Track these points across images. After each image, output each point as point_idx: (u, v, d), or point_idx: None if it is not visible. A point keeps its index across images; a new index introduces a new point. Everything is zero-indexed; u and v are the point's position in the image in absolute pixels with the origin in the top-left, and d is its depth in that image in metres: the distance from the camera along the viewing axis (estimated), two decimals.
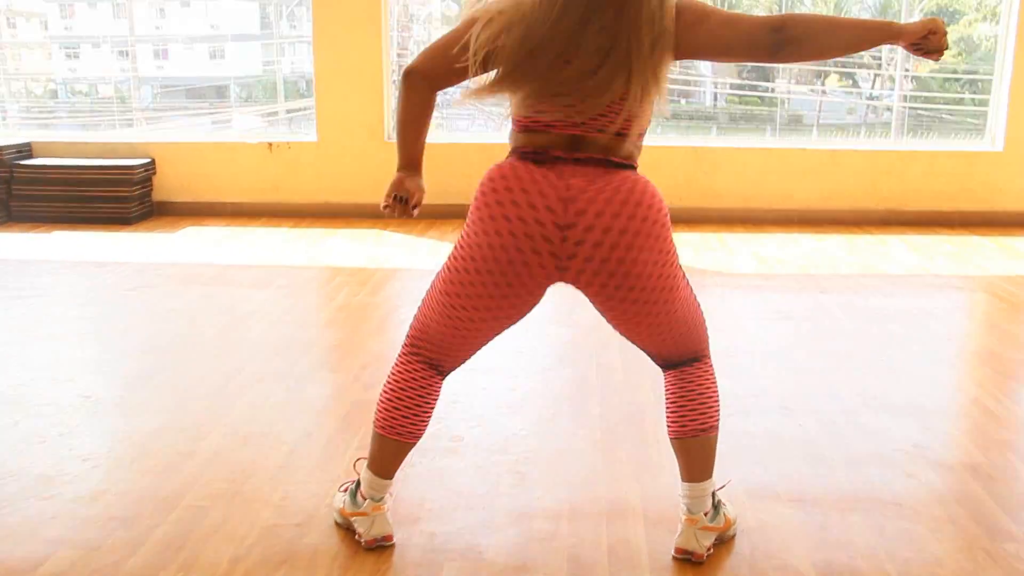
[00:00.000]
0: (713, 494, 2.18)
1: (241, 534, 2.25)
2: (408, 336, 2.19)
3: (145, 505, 2.40)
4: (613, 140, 1.90)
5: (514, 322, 2.06)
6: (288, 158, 6.39)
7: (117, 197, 6.21)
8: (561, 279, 1.95)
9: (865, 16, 30.25)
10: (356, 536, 2.21)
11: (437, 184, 6.28)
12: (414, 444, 2.19)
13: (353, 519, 2.23)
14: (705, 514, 2.14)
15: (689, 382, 2.15)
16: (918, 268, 5.15)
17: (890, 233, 5.99)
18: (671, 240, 1.98)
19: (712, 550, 2.15)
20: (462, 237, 2.00)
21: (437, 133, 6.30)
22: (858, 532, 2.26)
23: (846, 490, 2.49)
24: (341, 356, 3.69)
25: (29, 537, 2.23)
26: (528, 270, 1.91)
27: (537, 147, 1.90)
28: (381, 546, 2.19)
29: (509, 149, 1.98)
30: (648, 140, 2.11)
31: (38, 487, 2.48)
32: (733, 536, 2.24)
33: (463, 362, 2.17)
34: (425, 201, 2.12)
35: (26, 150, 6.50)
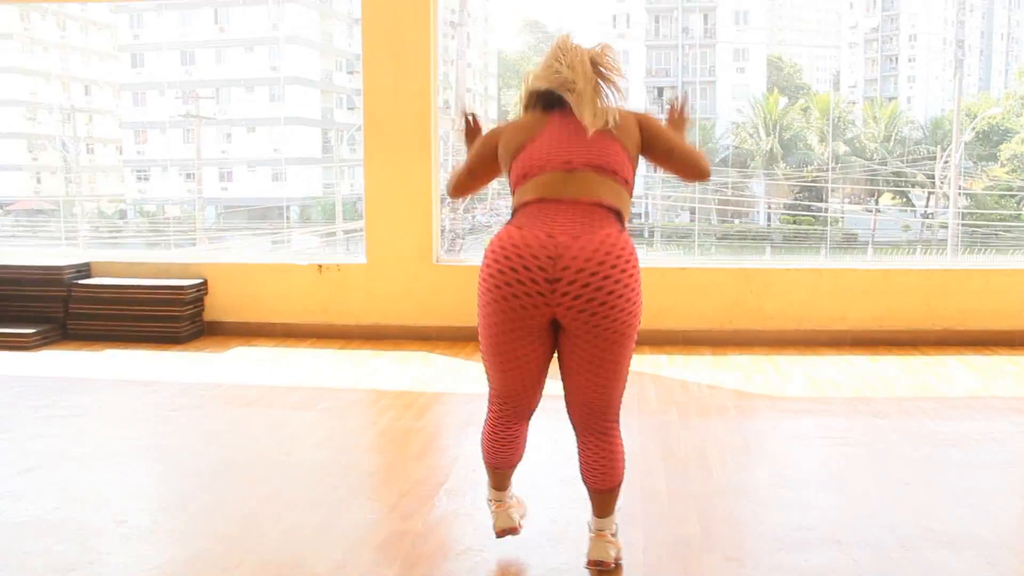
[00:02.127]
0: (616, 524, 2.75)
1: None
2: (489, 399, 2.74)
3: None
4: (603, 181, 2.47)
5: (542, 359, 2.55)
6: (337, 280, 6.48)
7: (169, 316, 6.31)
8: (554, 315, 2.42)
9: (915, 135, 29.62)
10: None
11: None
12: (514, 468, 2.79)
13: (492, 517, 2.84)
14: (611, 533, 2.71)
15: (603, 449, 2.61)
16: (979, 390, 4.97)
17: (948, 354, 5.82)
18: (639, 303, 2.45)
19: (616, 564, 2.68)
20: (479, 290, 2.50)
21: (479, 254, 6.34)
22: None
23: None
24: (380, 482, 3.62)
25: None
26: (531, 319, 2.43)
27: (532, 196, 2.46)
28: (510, 535, 2.82)
29: (512, 211, 2.52)
30: (696, 262, 2.50)
31: None
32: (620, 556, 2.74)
33: (533, 403, 2.68)
34: (472, 323, 2.78)
35: (85, 270, 6.68)
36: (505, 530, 2.81)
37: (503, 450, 2.72)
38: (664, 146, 2.58)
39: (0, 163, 33.93)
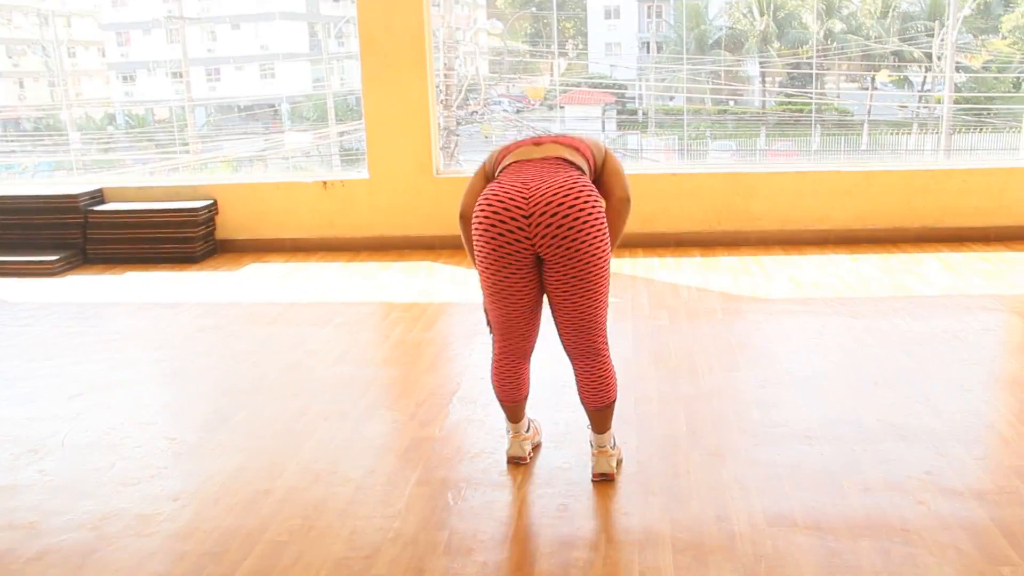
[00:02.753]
0: (613, 436, 3.11)
1: (317, 566, 2.56)
2: (494, 339, 3.09)
3: (231, 541, 2.72)
4: (566, 149, 2.90)
5: (533, 295, 2.90)
6: (342, 195, 6.75)
7: (183, 238, 6.62)
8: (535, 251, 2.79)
9: (913, 11, 28.94)
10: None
11: None
12: (526, 399, 3.15)
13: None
14: (610, 447, 3.07)
15: (595, 372, 2.97)
16: (951, 288, 5.32)
17: (926, 251, 6.15)
18: (605, 231, 2.83)
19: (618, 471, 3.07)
20: (475, 241, 2.87)
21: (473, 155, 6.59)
22: (866, 557, 2.50)
23: (859, 517, 2.72)
24: (398, 394, 4.00)
25: (136, 571, 2.57)
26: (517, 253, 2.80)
27: (508, 160, 2.91)
28: (518, 463, 3.16)
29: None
30: (686, 168, 2.94)
31: (138, 526, 2.83)
32: (621, 461, 3.15)
33: (530, 342, 3.05)
34: None
35: (98, 196, 6.94)
36: (515, 458, 3.17)
37: (509, 387, 3.08)
38: (608, 172, 3.02)
39: None
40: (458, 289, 5.64)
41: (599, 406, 2.99)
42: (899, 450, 3.18)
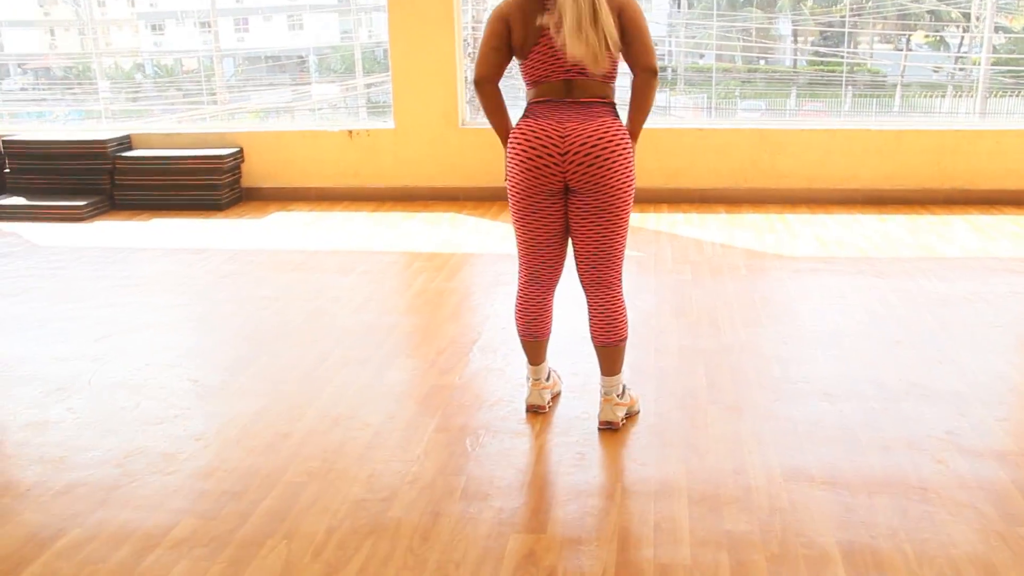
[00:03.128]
0: (624, 386, 3.13)
1: (334, 508, 2.60)
2: (519, 268, 3.13)
3: (251, 480, 2.76)
4: (595, 83, 2.85)
5: (560, 222, 2.97)
6: (367, 145, 6.74)
7: (210, 185, 6.65)
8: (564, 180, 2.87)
9: None
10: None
11: None
12: (548, 339, 3.17)
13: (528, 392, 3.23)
14: (618, 395, 3.07)
15: (607, 306, 3.02)
16: (977, 250, 5.25)
17: (955, 213, 6.07)
18: (631, 172, 2.89)
19: (624, 421, 3.08)
20: (507, 173, 2.94)
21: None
22: (882, 514, 2.50)
23: (876, 474, 2.72)
24: (419, 342, 4.02)
25: (158, 507, 2.62)
26: (549, 180, 2.87)
27: (542, 97, 2.87)
28: (536, 412, 3.18)
29: (527, 105, 2.92)
30: (713, 122, 3.01)
31: (161, 463, 2.88)
32: (638, 412, 3.17)
33: (556, 272, 3.09)
34: (497, 184, 3.27)
35: (126, 142, 6.97)
36: (534, 406, 3.19)
37: (534, 320, 3.11)
38: (630, 36, 2.82)
39: (11, 19, 33.60)
40: (481, 239, 5.63)
41: (608, 342, 3.03)
42: (920, 409, 3.17)
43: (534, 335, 3.15)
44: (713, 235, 5.62)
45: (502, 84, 2.99)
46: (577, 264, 3.03)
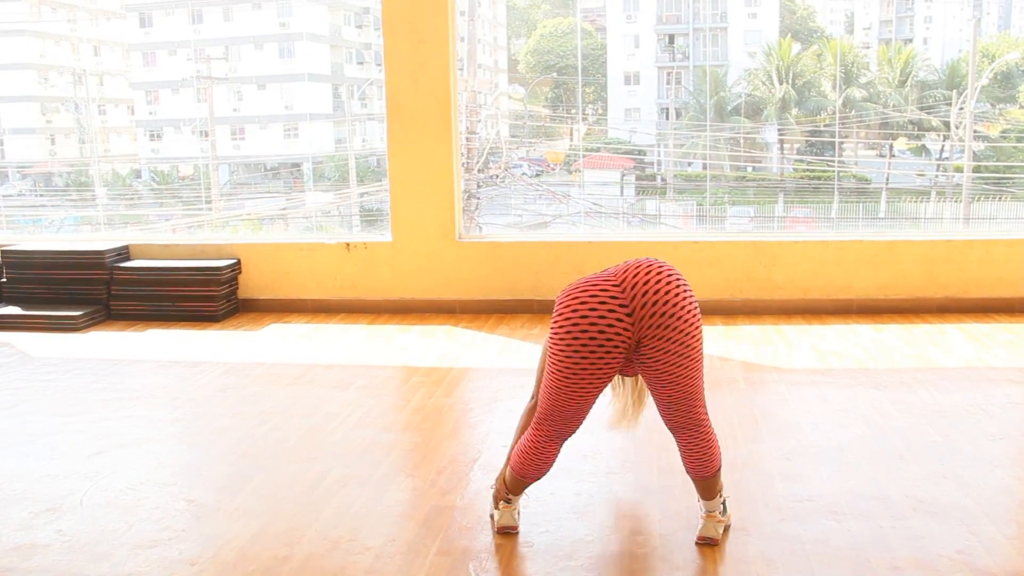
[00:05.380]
0: (724, 503, 3.11)
1: None
2: (538, 422, 3.03)
3: None
4: None
5: (609, 381, 2.96)
6: (364, 257, 6.80)
7: (206, 296, 6.66)
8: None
9: (931, 79, 29.37)
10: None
11: (506, 281, 6.64)
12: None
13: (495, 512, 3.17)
14: (720, 512, 3.07)
15: (701, 443, 3.01)
16: (975, 360, 5.26)
17: (949, 322, 6.11)
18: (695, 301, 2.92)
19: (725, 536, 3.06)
20: (559, 339, 2.84)
21: (505, 232, 6.65)
22: None
23: None
24: (419, 460, 3.96)
25: None
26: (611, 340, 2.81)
27: None
28: (507, 533, 3.12)
29: None
30: (706, 236, 3.03)
31: None
32: (730, 527, 3.14)
33: (580, 425, 3.04)
34: (494, 297, 3.10)
35: (124, 252, 7.02)
36: (507, 527, 3.14)
37: (541, 466, 3.06)
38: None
39: (14, 127, 34.22)
40: (478, 354, 5.62)
41: (707, 475, 3.02)
42: (929, 527, 3.12)
43: (536, 479, 3.12)
44: (711, 348, 5.60)
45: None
46: (660, 409, 3.01)
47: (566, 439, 3.06)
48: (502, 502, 3.15)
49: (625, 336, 2.77)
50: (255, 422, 4.45)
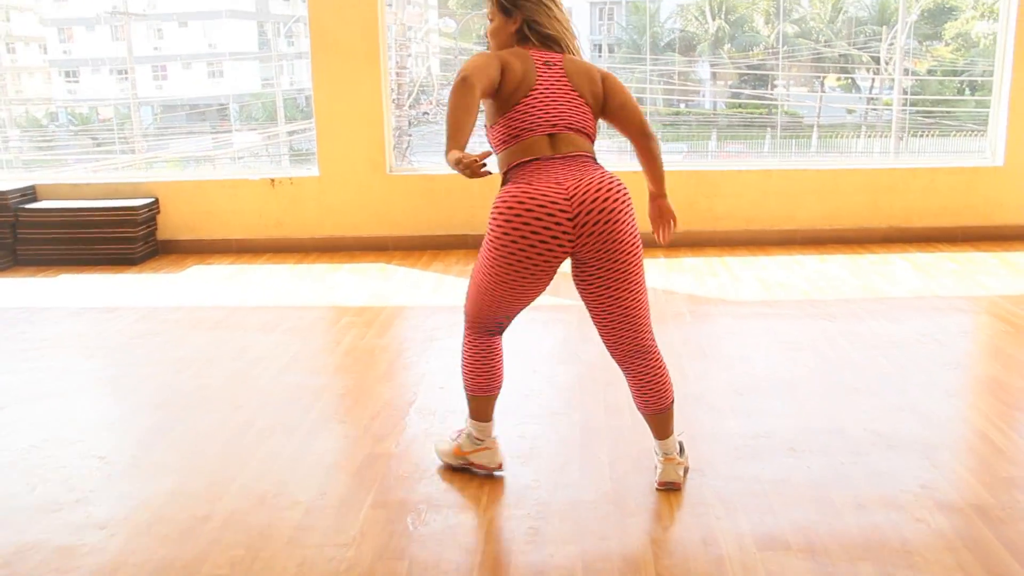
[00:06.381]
0: (680, 443, 2.93)
1: None
2: (467, 320, 2.87)
3: (165, 575, 2.42)
4: (579, 137, 2.68)
5: (543, 290, 2.76)
6: (291, 193, 6.44)
7: (122, 238, 6.25)
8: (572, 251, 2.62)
9: (862, 15, 29.73)
10: (478, 467, 2.95)
11: (440, 216, 6.35)
12: (498, 394, 2.93)
13: (473, 456, 2.95)
14: (678, 454, 2.88)
15: (651, 373, 2.82)
16: (922, 289, 5.17)
17: (893, 251, 6.02)
18: (636, 223, 2.72)
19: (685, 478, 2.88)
20: (493, 245, 2.63)
21: (439, 166, 6.35)
22: None
23: (855, 537, 2.51)
24: (351, 405, 3.71)
25: None
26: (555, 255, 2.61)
27: (525, 156, 2.63)
28: (494, 475, 2.94)
29: (505, 169, 2.68)
30: None
31: (59, 560, 2.51)
32: (688, 468, 2.94)
33: (514, 319, 2.86)
34: (427, 232, 3.31)
35: (30, 193, 6.55)
36: (499, 465, 2.97)
37: (492, 372, 2.89)
38: (618, 100, 2.79)
39: None
40: (413, 291, 5.36)
41: (660, 409, 2.84)
42: (889, 461, 2.98)
43: (491, 389, 2.91)
44: (653, 280, 5.42)
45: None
46: (604, 337, 2.81)
47: (500, 332, 2.89)
48: (478, 440, 2.96)
49: (567, 248, 2.59)
50: (173, 369, 4.14)
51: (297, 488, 2.92)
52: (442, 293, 5.29)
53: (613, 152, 7.64)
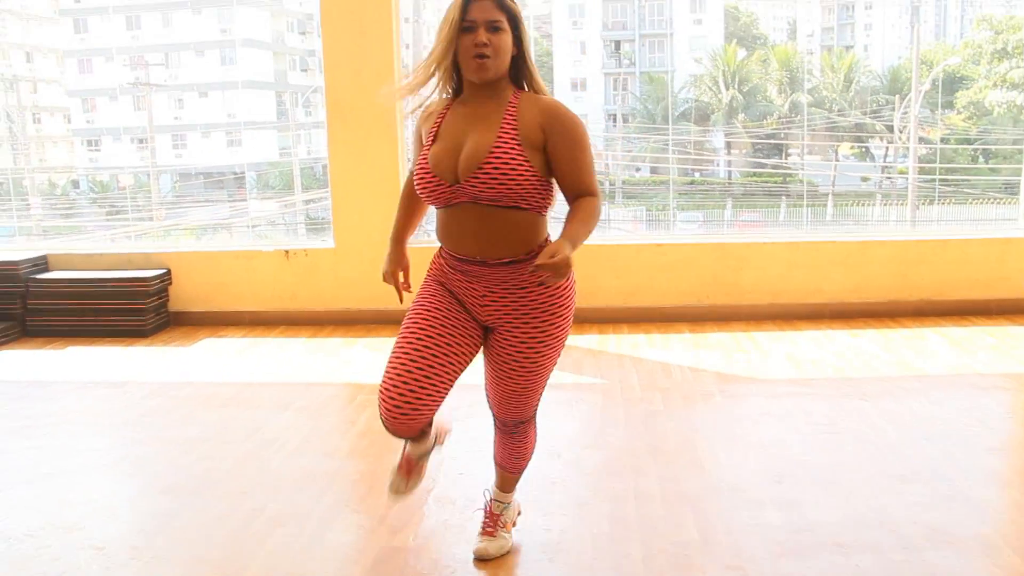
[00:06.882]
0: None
1: None
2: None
3: None
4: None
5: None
6: (306, 265, 6.31)
7: (133, 309, 6.12)
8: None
9: (874, 85, 30.06)
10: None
11: None
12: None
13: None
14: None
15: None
16: (960, 366, 4.96)
17: (926, 325, 5.81)
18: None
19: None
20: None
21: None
22: None
23: None
24: (365, 491, 3.50)
25: None
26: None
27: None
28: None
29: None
30: (671, 238, 2.67)
31: None
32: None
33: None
34: None
35: (42, 263, 6.44)
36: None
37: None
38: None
39: None
40: None
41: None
42: (947, 561, 2.75)
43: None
44: (679, 357, 5.25)
45: None
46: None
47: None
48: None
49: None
50: (180, 450, 3.95)
51: None
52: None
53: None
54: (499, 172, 2.33)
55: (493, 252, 2.43)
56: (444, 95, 2.51)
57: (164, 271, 6.33)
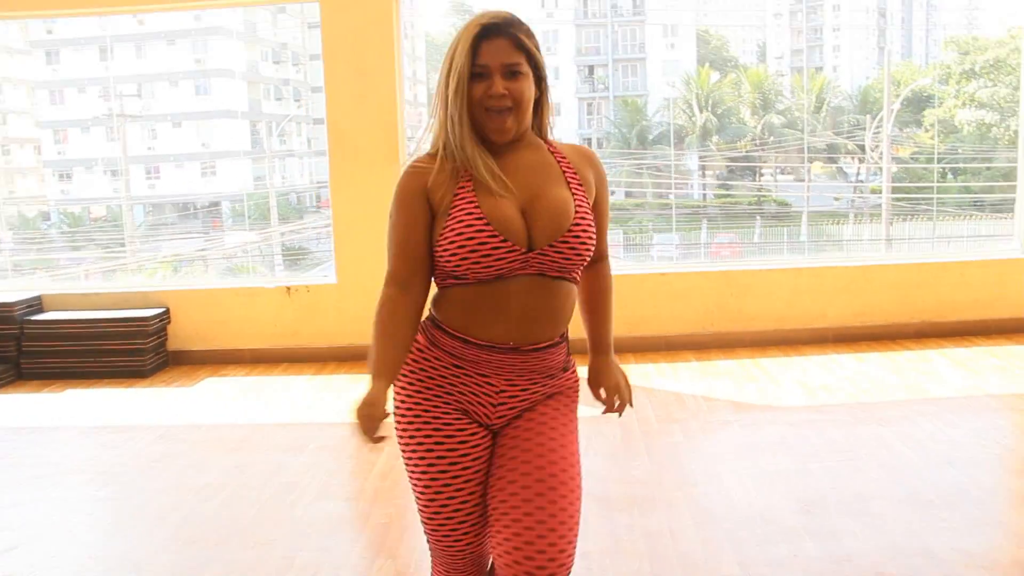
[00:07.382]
0: None
1: None
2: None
3: None
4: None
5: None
6: (307, 302, 6.26)
7: (132, 349, 6.03)
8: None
9: (844, 105, 30.50)
10: None
11: None
12: None
13: None
14: None
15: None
16: (970, 388, 4.98)
17: (929, 347, 5.85)
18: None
19: None
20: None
21: None
22: None
23: None
24: (396, 538, 3.44)
25: None
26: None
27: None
28: None
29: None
30: (675, 267, 2.36)
31: None
32: None
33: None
34: None
35: (36, 304, 6.34)
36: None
37: None
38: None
39: None
40: None
41: None
42: None
43: None
44: (690, 387, 5.24)
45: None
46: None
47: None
48: None
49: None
50: (199, 498, 3.87)
51: None
52: None
53: None
54: (585, 236, 1.89)
55: (535, 335, 1.94)
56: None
57: (163, 310, 6.25)
